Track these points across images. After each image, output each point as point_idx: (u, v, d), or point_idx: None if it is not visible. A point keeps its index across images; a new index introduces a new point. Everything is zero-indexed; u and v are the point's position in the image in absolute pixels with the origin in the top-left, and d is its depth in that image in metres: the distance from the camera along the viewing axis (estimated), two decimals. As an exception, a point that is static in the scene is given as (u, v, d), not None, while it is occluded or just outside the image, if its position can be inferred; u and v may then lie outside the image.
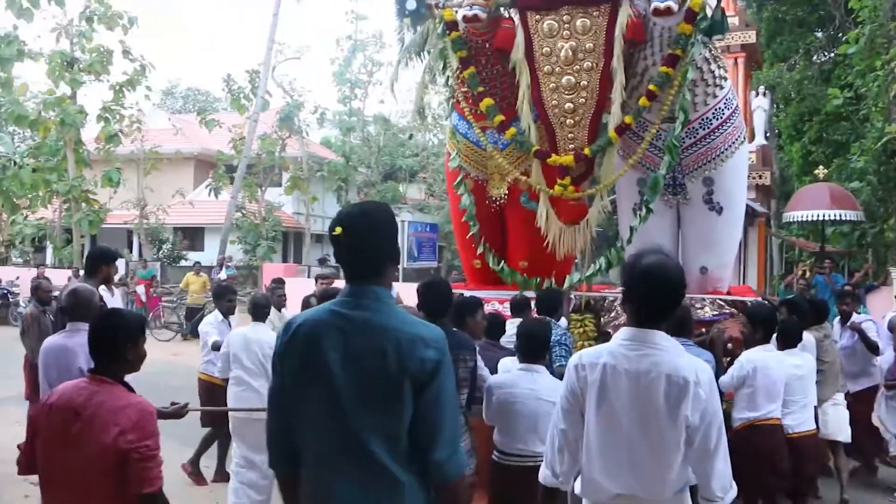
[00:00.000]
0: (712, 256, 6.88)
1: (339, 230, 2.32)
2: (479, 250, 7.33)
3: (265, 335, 5.83)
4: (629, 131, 6.59)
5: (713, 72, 6.40)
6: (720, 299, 6.64)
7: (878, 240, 17.26)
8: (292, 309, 6.48)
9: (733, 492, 2.65)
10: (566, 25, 6.61)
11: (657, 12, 5.89)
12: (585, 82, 6.59)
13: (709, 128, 6.48)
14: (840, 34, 19.34)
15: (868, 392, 7.09)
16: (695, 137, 6.51)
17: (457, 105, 7.40)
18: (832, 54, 20.96)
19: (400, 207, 31.24)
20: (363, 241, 2.34)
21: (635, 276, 2.58)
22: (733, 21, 13.93)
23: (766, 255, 17.01)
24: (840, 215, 14.08)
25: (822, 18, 21.21)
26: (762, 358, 5.24)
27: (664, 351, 2.54)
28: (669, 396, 2.47)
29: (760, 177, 13.51)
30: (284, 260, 31.28)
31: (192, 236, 29.59)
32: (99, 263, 5.50)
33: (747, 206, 12.61)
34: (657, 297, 2.55)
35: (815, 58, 21.97)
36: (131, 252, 26.28)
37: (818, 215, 13.96)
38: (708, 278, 6.92)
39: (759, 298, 6.81)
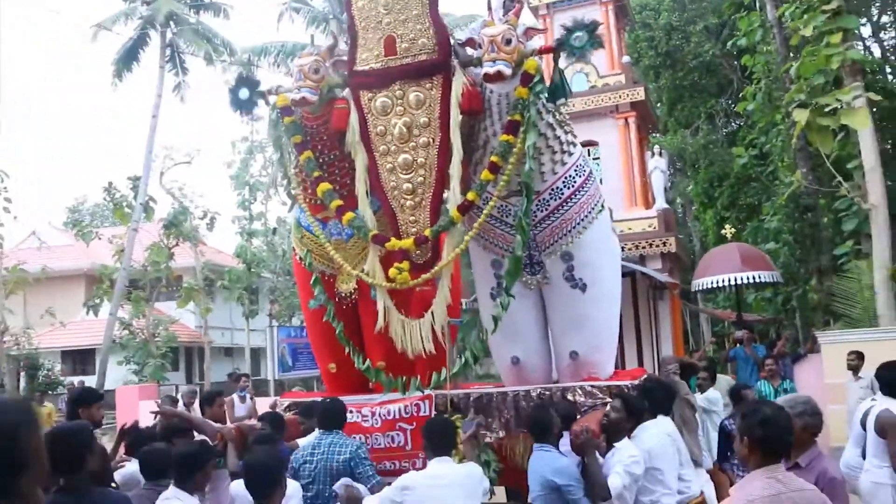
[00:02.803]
0: (582, 339, 6.54)
1: None
2: (347, 350, 6.90)
3: None
4: (476, 208, 6.34)
5: (559, 137, 6.22)
6: (594, 386, 6.27)
7: (804, 303, 17.33)
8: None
9: None
10: (399, 101, 6.43)
11: (488, 78, 5.72)
12: (423, 159, 6.36)
13: (560, 198, 6.25)
14: (741, 97, 20.28)
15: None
16: (546, 210, 6.27)
17: (298, 197, 7.10)
18: (734, 120, 21.77)
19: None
20: None
21: None
22: (619, 79, 14.27)
23: (683, 329, 16.92)
24: (754, 277, 14.00)
25: (721, 83, 22.10)
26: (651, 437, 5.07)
27: None
28: None
29: (665, 244, 13.49)
30: (188, 378, 30.08)
31: (83, 360, 28.29)
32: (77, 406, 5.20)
33: (653, 277, 12.68)
34: None
35: (718, 122, 22.77)
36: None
37: (729, 279, 13.85)
38: (580, 363, 6.56)
39: (637, 381, 6.42)
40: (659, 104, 22.91)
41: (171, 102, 25.34)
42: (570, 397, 6.25)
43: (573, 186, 6.29)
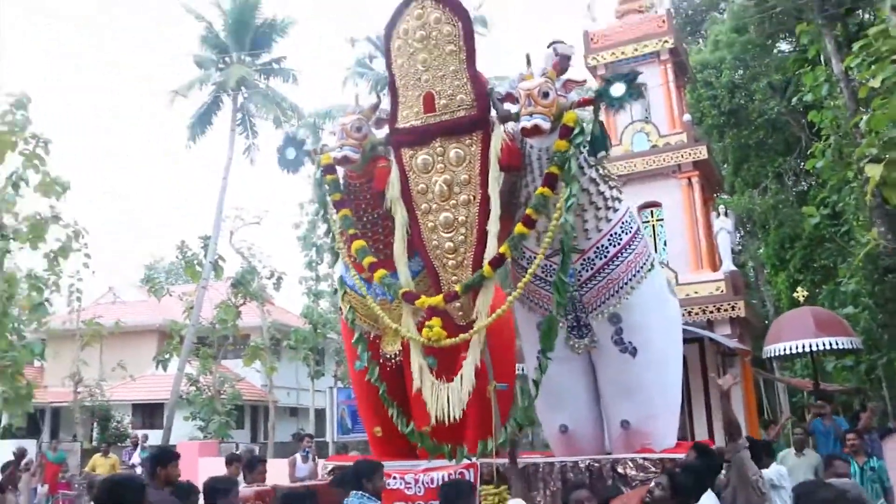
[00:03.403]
0: (633, 407, 6.11)
1: None
2: (391, 412, 6.64)
3: None
4: (518, 266, 6.04)
5: (603, 193, 5.92)
6: (646, 458, 5.79)
7: (890, 372, 16.17)
8: None
9: None
10: (440, 158, 6.26)
11: (525, 132, 5.51)
12: (463, 217, 6.15)
13: (606, 256, 5.91)
14: (810, 154, 19.54)
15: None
16: (592, 269, 5.93)
17: (342, 254, 6.97)
18: (805, 179, 20.93)
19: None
20: None
21: None
22: (681, 138, 13.80)
23: (758, 399, 15.92)
24: (830, 343, 13.07)
25: (788, 141, 21.31)
26: None
27: None
28: None
29: (734, 308, 12.78)
30: (253, 436, 30.04)
31: (151, 414, 28.62)
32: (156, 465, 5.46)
33: (721, 343, 12.00)
34: None
35: (787, 181, 21.92)
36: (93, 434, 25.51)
37: (803, 346, 12.96)
38: (632, 433, 6.11)
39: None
40: (724, 164, 22.23)
41: (241, 164, 25.91)
42: (620, 470, 5.81)
43: (619, 244, 5.95)
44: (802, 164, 20.02)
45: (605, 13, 15.35)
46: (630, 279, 5.95)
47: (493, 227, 5.90)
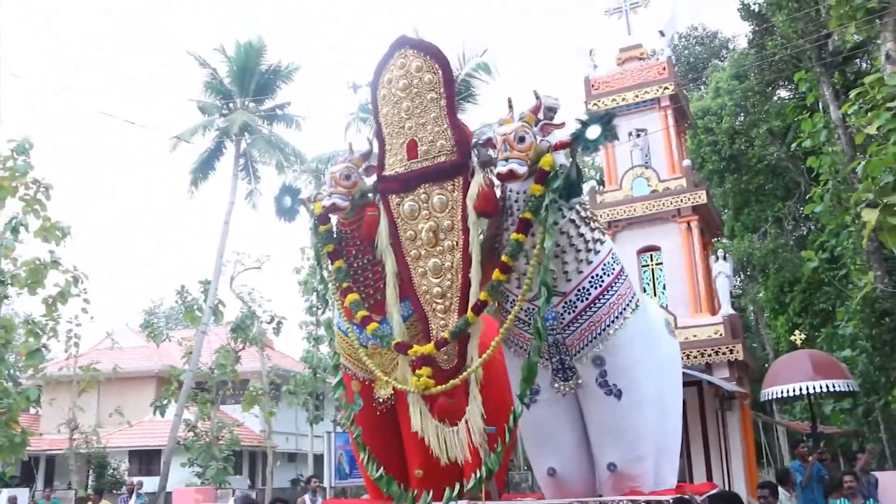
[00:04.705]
0: (620, 450, 6.13)
1: None
2: (362, 456, 6.68)
3: None
4: (503, 310, 6.15)
5: (583, 235, 6.01)
6: (633, 501, 5.81)
7: (887, 414, 16.17)
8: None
9: None
10: (425, 205, 6.43)
11: (501, 177, 5.66)
12: (449, 263, 6.30)
13: (587, 298, 5.99)
14: (808, 199, 19.66)
15: None
16: (574, 312, 6.01)
17: (336, 301, 7.07)
18: (804, 223, 21.12)
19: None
20: None
21: None
22: (680, 183, 13.98)
23: (757, 442, 15.87)
24: (827, 386, 13.14)
25: (788, 186, 21.56)
26: None
27: None
28: None
29: (732, 351, 12.85)
30: (251, 482, 29.80)
31: (148, 460, 28.43)
32: None
33: (720, 387, 12.00)
34: None
35: (787, 226, 22.11)
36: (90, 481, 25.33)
37: (800, 388, 13.03)
38: (620, 476, 6.13)
39: (687, 496, 5.93)
40: (725, 209, 22.48)
41: (243, 209, 26.05)
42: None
43: (601, 286, 6.02)
44: (801, 208, 20.24)
45: (606, 60, 15.67)
46: (613, 321, 6.02)
47: (476, 273, 6.03)
